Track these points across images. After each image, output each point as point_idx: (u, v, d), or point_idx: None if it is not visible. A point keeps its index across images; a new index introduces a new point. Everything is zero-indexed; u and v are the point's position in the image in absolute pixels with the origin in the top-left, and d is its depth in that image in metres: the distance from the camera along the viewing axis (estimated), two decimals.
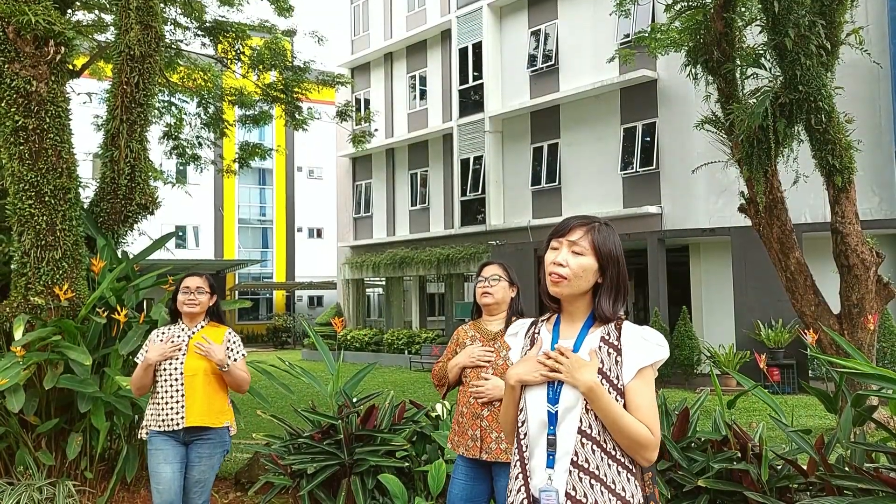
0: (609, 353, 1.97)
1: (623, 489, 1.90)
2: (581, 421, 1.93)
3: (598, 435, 1.92)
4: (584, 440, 1.92)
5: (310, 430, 4.82)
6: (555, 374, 1.97)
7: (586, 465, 1.91)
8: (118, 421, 5.52)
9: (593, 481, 1.89)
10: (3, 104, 5.47)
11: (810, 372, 13.55)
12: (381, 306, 27.43)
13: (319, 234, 39.48)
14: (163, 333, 3.93)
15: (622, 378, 1.95)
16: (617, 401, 1.92)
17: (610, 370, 1.95)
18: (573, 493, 1.90)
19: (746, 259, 14.31)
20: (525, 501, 1.97)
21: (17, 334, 5.05)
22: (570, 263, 1.99)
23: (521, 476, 2.00)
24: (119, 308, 5.27)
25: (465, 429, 3.31)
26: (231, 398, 4.16)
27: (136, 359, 4.04)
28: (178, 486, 3.72)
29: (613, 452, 1.92)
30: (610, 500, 1.89)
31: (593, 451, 1.91)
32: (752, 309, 14.22)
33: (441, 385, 3.54)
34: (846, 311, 7.85)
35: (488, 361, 3.32)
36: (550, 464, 1.94)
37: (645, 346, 1.97)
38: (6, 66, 5.47)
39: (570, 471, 1.91)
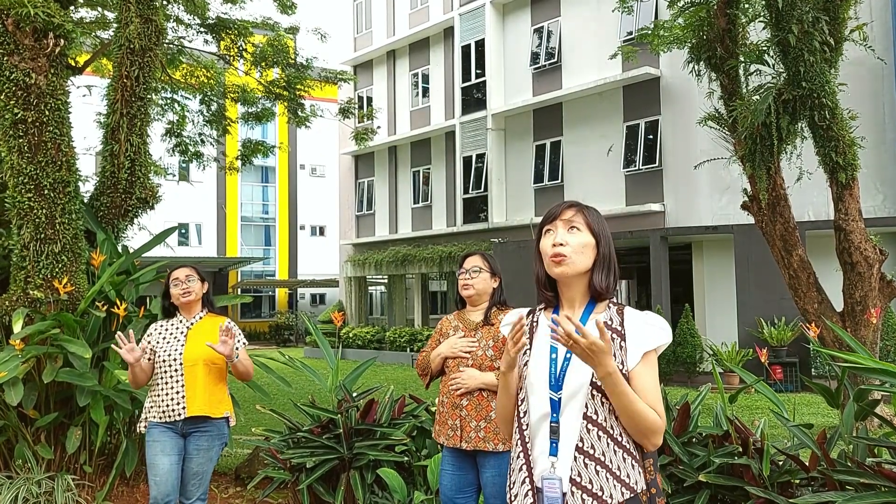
0: (612, 339, 1.95)
1: (627, 475, 1.89)
2: (587, 407, 1.91)
3: (605, 421, 1.91)
4: (589, 426, 1.90)
5: (309, 424, 4.81)
6: (573, 345, 1.80)
7: (592, 451, 1.89)
8: (117, 415, 5.51)
9: (599, 467, 1.88)
10: (2, 97, 5.46)
11: (813, 370, 13.50)
12: (383, 304, 27.43)
13: (322, 232, 39.51)
14: (161, 326, 3.92)
15: (627, 363, 1.94)
16: None
17: (614, 356, 1.93)
18: (578, 479, 1.88)
19: (749, 257, 14.26)
20: (529, 492, 1.94)
21: (17, 327, 5.05)
22: (570, 241, 1.99)
23: (524, 467, 1.97)
24: (118, 302, 5.26)
25: (445, 418, 3.35)
26: (230, 393, 4.14)
27: None
28: (175, 477, 3.71)
29: (619, 439, 1.91)
30: (615, 486, 1.88)
31: (599, 436, 1.90)
32: (755, 307, 14.17)
33: (424, 375, 3.55)
34: (849, 309, 7.81)
35: (469, 352, 3.33)
36: (553, 451, 1.92)
37: (649, 331, 1.97)
38: (5, 58, 5.46)
39: (576, 457, 1.90)
